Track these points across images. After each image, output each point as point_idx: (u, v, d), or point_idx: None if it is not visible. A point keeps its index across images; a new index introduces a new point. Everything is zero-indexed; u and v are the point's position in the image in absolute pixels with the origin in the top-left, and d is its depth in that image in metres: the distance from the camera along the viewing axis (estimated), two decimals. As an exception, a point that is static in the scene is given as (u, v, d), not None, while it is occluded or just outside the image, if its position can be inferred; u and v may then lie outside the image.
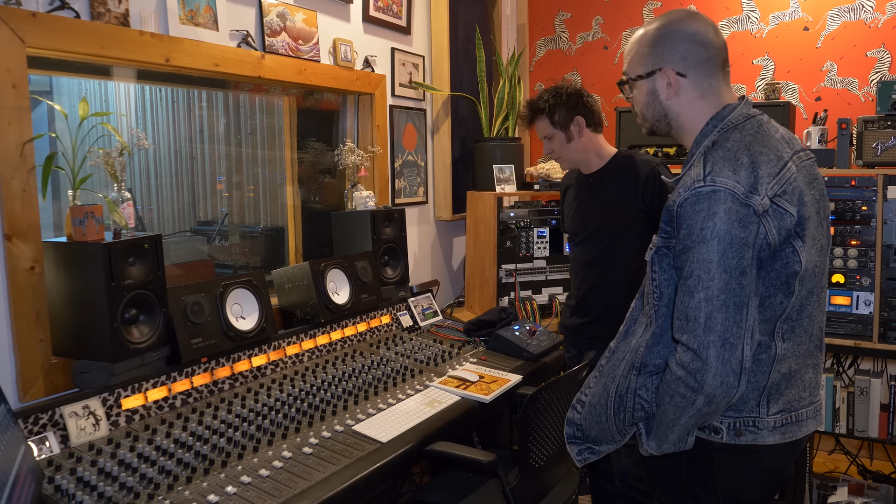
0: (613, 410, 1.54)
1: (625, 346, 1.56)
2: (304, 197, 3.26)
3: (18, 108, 1.83)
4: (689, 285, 1.36)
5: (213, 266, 3.12)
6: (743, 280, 1.35)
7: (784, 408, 1.48)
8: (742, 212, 1.34)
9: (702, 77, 1.52)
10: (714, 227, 1.34)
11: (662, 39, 1.53)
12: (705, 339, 1.34)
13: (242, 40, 2.53)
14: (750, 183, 1.36)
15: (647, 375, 1.49)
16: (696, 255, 1.35)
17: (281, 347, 2.38)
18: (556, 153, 2.59)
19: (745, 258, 1.35)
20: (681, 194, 1.39)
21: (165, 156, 3.42)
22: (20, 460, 1.40)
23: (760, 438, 1.46)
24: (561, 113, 2.51)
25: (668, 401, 1.43)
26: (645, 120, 1.62)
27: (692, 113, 1.53)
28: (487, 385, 2.35)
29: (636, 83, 1.58)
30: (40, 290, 1.90)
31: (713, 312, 1.33)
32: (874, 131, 2.93)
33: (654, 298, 1.48)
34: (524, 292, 3.41)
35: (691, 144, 1.54)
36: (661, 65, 1.53)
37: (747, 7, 3.80)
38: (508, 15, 4.40)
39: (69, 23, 1.96)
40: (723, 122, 1.49)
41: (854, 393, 2.96)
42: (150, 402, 1.94)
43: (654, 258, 1.48)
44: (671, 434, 1.46)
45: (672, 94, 1.53)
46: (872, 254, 2.87)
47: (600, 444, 1.64)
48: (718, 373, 1.33)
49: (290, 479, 1.69)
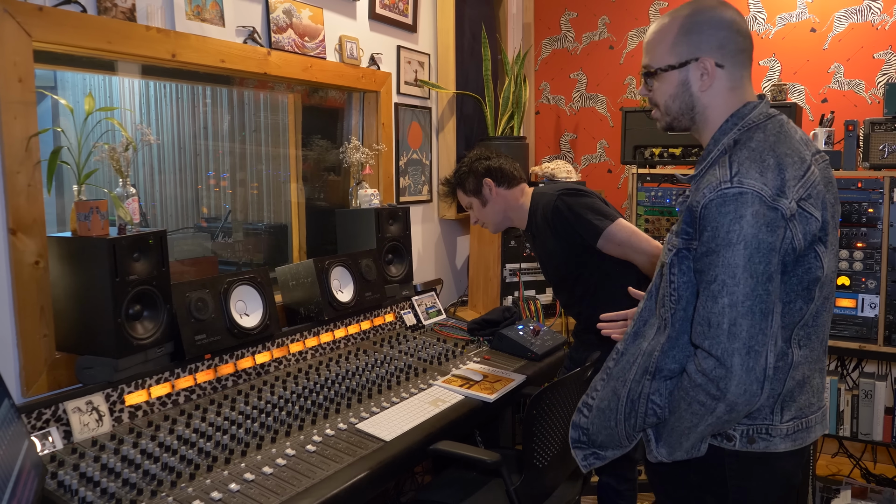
0: (624, 416, 1.48)
1: (635, 348, 1.50)
2: (308, 194, 3.26)
3: (24, 102, 1.83)
4: (712, 290, 1.31)
5: (217, 262, 3.12)
6: (769, 286, 1.30)
7: (796, 415, 1.44)
8: (770, 215, 1.29)
9: (737, 68, 1.45)
10: (741, 231, 1.28)
11: (698, 27, 1.43)
12: (730, 347, 1.29)
13: (248, 36, 2.52)
14: (777, 185, 1.31)
15: (662, 380, 1.43)
16: (721, 259, 1.30)
17: (285, 345, 2.37)
18: (480, 220, 2.62)
19: (772, 263, 1.30)
20: (706, 195, 1.33)
21: (169, 152, 3.41)
22: (23, 455, 1.39)
23: (773, 446, 1.43)
24: (470, 181, 2.55)
25: (685, 408, 1.37)
26: (668, 113, 1.52)
27: (720, 105, 1.45)
28: (491, 384, 2.35)
29: (664, 75, 1.48)
30: (44, 284, 1.90)
31: (738, 319, 1.28)
32: (881, 133, 2.91)
33: (671, 301, 1.42)
34: (528, 292, 3.40)
35: (708, 142, 1.47)
36: (697, 54, 1.43)
37: (754, 8, 3.79)
38: (514, 14, 4.39)
39: (76, 17, 1.95)
40: (743, 121, 1.43)
41: (858, 396, 2.95)
42: (153, 399, 1.94)
43: (674, 260, 1.40)
44: (685, 441, 1.41)
45: (707, 85, 1.44)
46: (878, 256, 2.86)
47: (606, 450, 1.58)
48: (742, 381, 1.28)
49: (293, 477, 1.68)
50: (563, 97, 4.41)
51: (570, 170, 3.65)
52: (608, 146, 4.30)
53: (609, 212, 2.34)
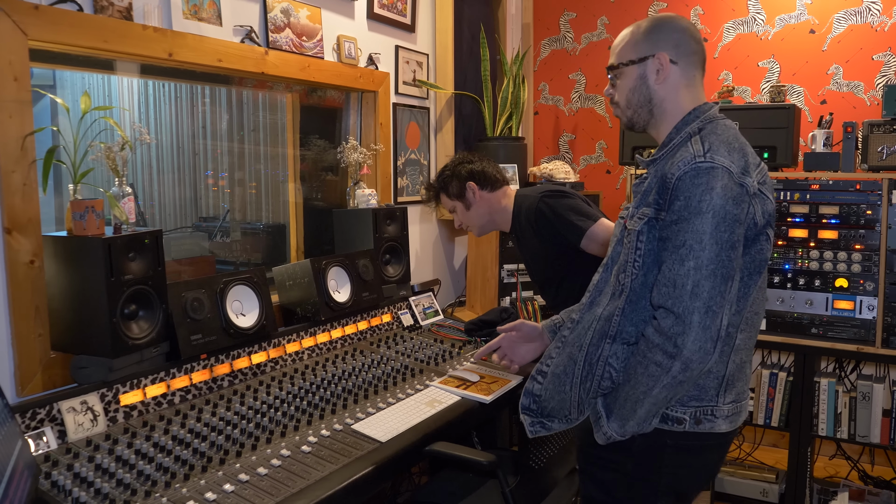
0: (581, 378, 1.57)
1: (590, 315, 1.60)
2: (306, 194, 3.25)
3: (20, 101, 1.82)
4: (680, 254, 1.42)
5: (214, 262, 3.11)
6: (732, 254, 1.42)
7: (735, 398, 1.58)
8: (737, 190, 1.43)
9: (690, 67, 1.61)
10: (711, 201, 1.41)
11: (656, 29, 1.62)
12: (690, 305, 1.39)
13: (246, 36, 2.52)
14: (742, 166, 1.47)
15: (621, 344, 1.53)
16: (690, 225, 1.42)
17: (281, 345, 2.37)
18: (463, 223, 2.63)
19: (736, 233, 1.43)
20: (680, 168, 1.45)
21: (168, 151, 3.41)
22: (17, 455, 1.39)
23: (717, 426, 1.55)
24: (453, 184, 2.56)
25: (641, 371, 1.47)
26: (628, 107, 1.67)
27: (675, 100, 1.61)
28: (488, 385, 2.34)
29: (625, 69, 1.64)
30: (40, 284, 1.89)
31: (701, 281, 1.40)
32: (880, 135, 2.91)
33: (634, 268, 1.52)
34: (525, 292, 3.40)
35: (669, 131, 1.60)
36: (654, 50, 1.60)
37: (753, 9, 3.79)
38: (513, 14, 4.39)
39: (72, 16, 1.95)
40: (705, 115, 1.58)
41: (856, 398, 2.95)
42: (148, 399, 1.93)
43: (644, 228, 1.51)
44: (639, 409, 1.49)
45: (662, 78, 1.60)
46: (876, 258, 2.86)
47: (553, 420, 1.66)
48: (699, 338, 1.39)
49: (288, 478, 1.68)
50: (561, 98, 4.41)
51: (569, 170, 3.65)
52: (607, 147, 4.30)
53: (591, 212, 2.37)
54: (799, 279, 3.00)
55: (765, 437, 3.75)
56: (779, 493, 3.20)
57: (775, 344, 3.08)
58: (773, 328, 3.05)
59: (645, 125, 1.67)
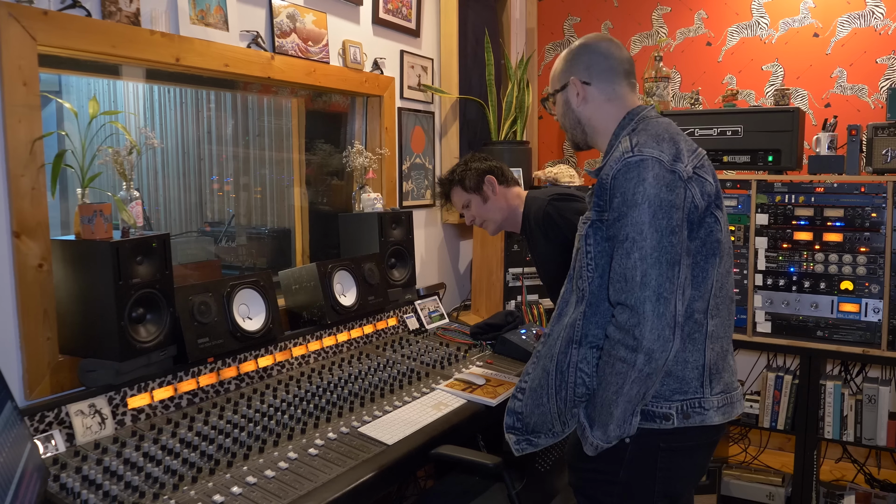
0: (555, 389, 1.59)
1: (559, 327, 1.62)
2: (311, 198, 3.26)
3: (29, 105, 1.84)
4: (625, 248, 1.46)
5: (220, 266, 3.12)
6: (673, 239, 1.45)
7: (724, 389, 1.60)
8: (668, 177, 1.48)
9: (605, 83, 1.68)
10: (644, 192, 1.45)
11: (570, 56, 1.73)
12: (641, 295, 1.42)
13: (252, 41, 2.53)
14: (673, 153, 1.51)
15: (588, 348, 1.55)
16: (629, 219, 1.46)
17: (287, 348, 2.37)
18: (478, 218, 2.59)
19: (675, 219, 1.46)
20: (612, 167, 1.51)
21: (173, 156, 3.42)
22: (26, 458, 1.39)
23: (708, 419, 1.56)
24: (470, 177, 2.54)
25: (609, 371, 1.48)
26: (566, 130, 1.79)
27: (601, 116, 1.69)
28: (494, 388, 2.35)
29: (555, 97, 1.77)
30: (48, 287, 1.90)
31: (648, 270, 1.43)
32: (884, 138, 2.91)
33: (588, 271, 1.56)
34: (531, 296, 3.40)
35: (608, 141, 1.67)
36: (568, 77, 1.71)
37: (757, 13, 3.79)
38: (517, 19, 4.40)
39: (80, 21, 1.96)
40: (638, 116, 1.64)
41: (862, 401, 2.94)
42: (156, 402, 1.94)
43: (589, 231, 1.56)
44: (615, 410, 1.49)
45: (581, 101, 1.70)
46: (882, 261, 2.86)
47: (538, 436, 1.67)
48: (655, 326, 1.41)
49: (295, 481, 1.68)
50: (566, 102, 4.41)
51: (573, 174, 3.65)
52: (611, 151, 4.29)
53: None
54: (804, 282, 3.00)
55: (770, 440, 3.74)
56: (785, 496, 3.19)
57: (781, 347, 3.08)
58: (778, 331, 3.05)
59: (585, 143, 1.76)
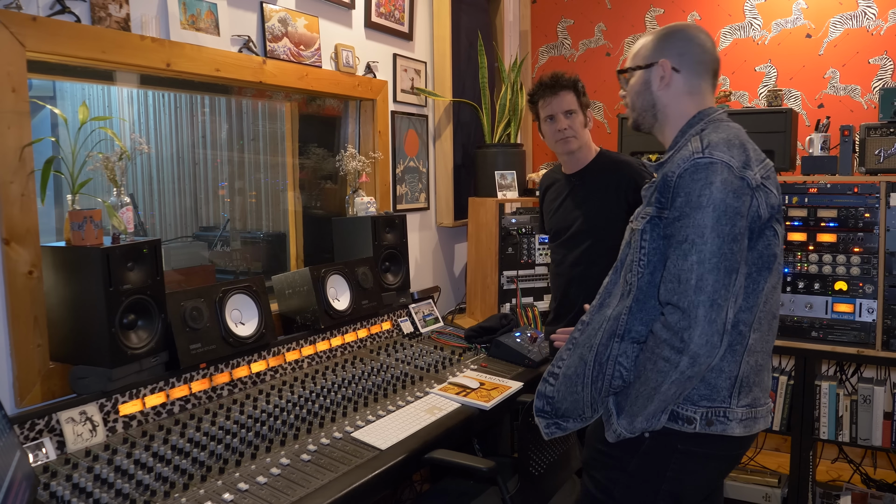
0: (591, 378, 1.57)
1: (600, 316, 1.61)
2: (305, 202, 3.26)
3: (18, 112, 1.83)
4: (683, 249, 1.44)
5: (214, 271, 3.11)
6: (734, 246, 1.43)
7: (751, 403, 1.56)
8: (737, 183, 1.45)
9: (693, 75, 1.65)
10: (710, 196, 1.43)
11: (665, 38, 1.68)
12: (695, 300, 1.40)
13: (244, 45, 2.53)
14: (743, 160, 1.48)
15: (630, 343, 1.54)
16: (692, 220, 1.43)
17: (280, 353, 2.36)
18: (570, 129, 2.54)
19: (738, 226, 1.44)
20: (680, 165, 1.48)
21: (167, 161, 3.41)
22: (15, 466, 1.38)
23: (729, 429, 1.54)
24: (585, 95, 2.58)
25: (650, 367, 1.47)
26: (633, 109, 1.73)
27: (677, 107, 1.65)
28: (488, 392, 2.34)
29: (634, 73, 1.71)
30: (38, 294, 1.89)
31: (705, 274, 1.41)
32: (877, 138, 2.91)
33: (640, 266, 1.55)
34: (525, 299, 3.40)
35: (674, 135, 1.64)
36: (658, 58, 1.66)
37: (750, 14, 3.80)
38: (511, 21, 4.40)
39: (70, 27, 1.95)
40: (709, 117, 1.62)
41: (857, 401, 2.94)
42: (147, 408, 1.93)
43: (647, 227, 1.54)
44: (649, 405, 1.49)
45: (664, 85, 1.65)
46: (875, 261, 2.86)
47: (568, 420, 1.68)
48: (705, 331, 1.39)
49: (287, 487, 1.68)
50: (560, 104, 4.41)
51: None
52: (605, 153, 4.29)
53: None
54: (798, 283, 3.00)
55: (766, 441, 3.74)
56: (781, 497, 3.19)
57: (776, 348, 3.03)
58: (773, 332, 3.04)
59: (650, 128, 1.72)
